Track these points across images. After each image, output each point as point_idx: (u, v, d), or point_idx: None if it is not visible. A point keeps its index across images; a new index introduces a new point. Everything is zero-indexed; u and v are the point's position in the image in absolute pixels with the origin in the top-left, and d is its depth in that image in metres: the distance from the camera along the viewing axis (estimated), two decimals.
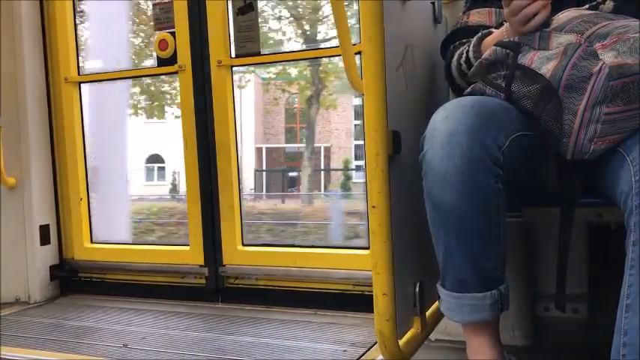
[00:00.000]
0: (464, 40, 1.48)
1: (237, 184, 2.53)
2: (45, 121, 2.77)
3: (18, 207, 2.70)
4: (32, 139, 2.70)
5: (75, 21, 2.80)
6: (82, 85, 2.82)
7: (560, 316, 1.75)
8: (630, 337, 1.05)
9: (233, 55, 2.50)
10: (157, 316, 2.41)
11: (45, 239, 2.75)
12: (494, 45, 1.28)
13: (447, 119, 1.18)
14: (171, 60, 2.57)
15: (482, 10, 1.50)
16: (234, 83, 2.49)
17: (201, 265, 2.56)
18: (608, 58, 1.13)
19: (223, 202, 2.52)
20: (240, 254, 2.52)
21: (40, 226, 2.73)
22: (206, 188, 2.54)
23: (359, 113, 14.91)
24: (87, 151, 2.86)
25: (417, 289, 1.38)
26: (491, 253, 1.22)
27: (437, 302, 1.34)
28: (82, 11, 2.98)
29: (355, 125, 15.81)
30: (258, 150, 16.25)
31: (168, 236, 8.58)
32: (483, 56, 1.31)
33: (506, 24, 1.32)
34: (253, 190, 14.90)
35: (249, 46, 2.47)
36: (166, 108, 11.33)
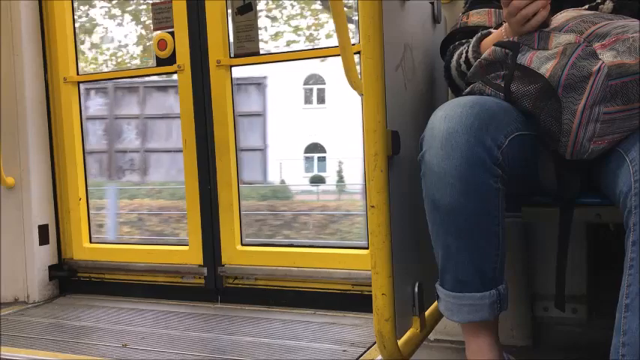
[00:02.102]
0: (463, 41, 1.48)
1: (237, 184, 2.53)
2: (44, 120, 2.77)
3: (17, 207, 2.70)
4: (31, 139, 2.70)
5: (74, 21, 2.80)
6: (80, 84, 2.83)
7: (559, 316, 1.75)
8: (629, 337, 1.05)
9: (232, 55, 2.50)
10: (157, 316, 2.41)
11: (44, 239, 2.75)
12: (494, 45, 1.28)
13: (446, 119, 1.18)
14: (170, 60, 2.57)
15: (482, 10, 1.50)
16: None
17: (200, 265, 2.56)
18: (607, 57, 1.13)
19: (222, 202, 2.52)
20: (239, 254, 2.52)
21: (39, 226, 2.73)
22: (205, 188, 2.54)
23: None
24: (85, 150, 2.87)
25: (416, 288, 1.38)
26: (490, 253, 1.22)
27: (436, 302, 1.34)
28: None
29: None
30: None
31: None
32: (482, 56, 1.30)
33: (505, 24, 1.32)
34: None
35: (248, 45, 2.47)
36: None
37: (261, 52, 2.50)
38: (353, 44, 1.78)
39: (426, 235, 1.25)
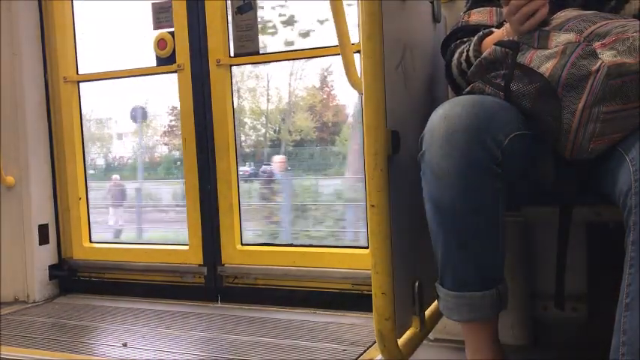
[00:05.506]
0: (465, 39, 1.48)
1: (237, 183, 2.53)
2: (44, 120, 2.77)
3: (17, 206, 2.70)
4: (31, 139, 2.70)
5: (74, 20, 2.80)
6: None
7: (559, 316, 1.75)
8: (629, 337, 1.05)
9: (232, 54, 2.50)
10: (156, 316, 2.41)
11: (44, 239, 2.75)
12: (494, 44, 1.28)
13: (446, 118, 1.17)
14: (170, 59, 2.57)
15: (483, 9, 1.50)
16: None
17: (200, 265, 2.56)
18: (607, 57, 1.13)
19: (222, 202, 2.52)
20: (239, 253, 2.52)
21: (39, 226, 2.73)
22: (205, 187, 2.54)
23: None
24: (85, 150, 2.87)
25: (416, 288, 1.38)
26: (490, 252, 1.22)
27: (436, 301, 1.34)
28: None
29: None
30: None
31: None
32: (483, 55, 1.30)
33: (507, 24, 1.32)
34: None
35: (248, 45, 2.47)
36: None
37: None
38: (353, 43, 1.79)
39: (426, 234, 1.25)
